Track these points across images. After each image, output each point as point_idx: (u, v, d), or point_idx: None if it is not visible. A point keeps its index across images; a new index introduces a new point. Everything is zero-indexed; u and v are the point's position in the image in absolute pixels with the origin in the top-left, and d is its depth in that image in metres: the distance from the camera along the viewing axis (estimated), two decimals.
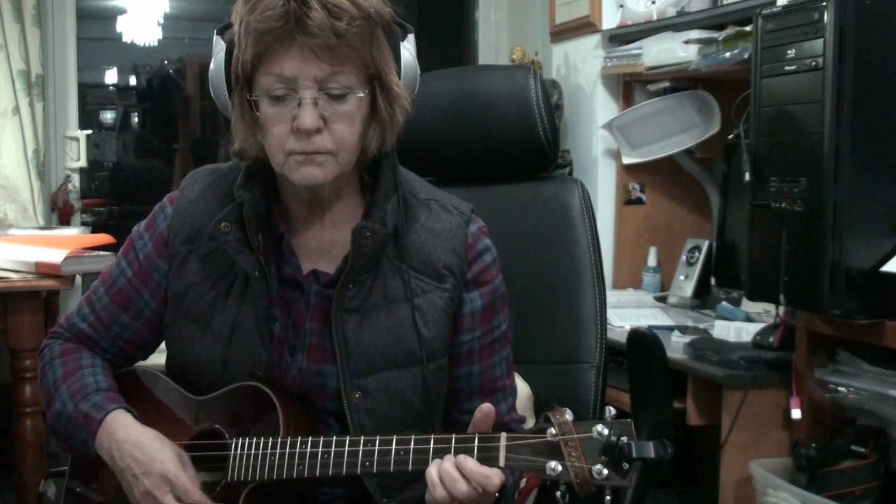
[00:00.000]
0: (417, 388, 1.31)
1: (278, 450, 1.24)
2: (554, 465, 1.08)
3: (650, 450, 1.06)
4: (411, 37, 1.28)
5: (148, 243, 1.38)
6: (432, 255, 1.32)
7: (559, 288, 1.64)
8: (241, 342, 1.31)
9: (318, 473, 1.21)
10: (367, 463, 1.19)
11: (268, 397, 1.27)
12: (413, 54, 1.28)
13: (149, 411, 1.36)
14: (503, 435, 1.14)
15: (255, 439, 1.26)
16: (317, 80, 1.19)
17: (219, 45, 1.25)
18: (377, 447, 1.19)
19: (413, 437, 1.19)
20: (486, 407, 1.17)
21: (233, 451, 1.27)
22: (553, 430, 1.09)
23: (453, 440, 1.16)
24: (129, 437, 1.29)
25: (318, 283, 1.32)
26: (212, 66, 1.26)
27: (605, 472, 1.06)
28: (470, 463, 1.13)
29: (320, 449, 1.22)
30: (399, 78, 1.26)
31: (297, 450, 1.23)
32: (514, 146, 1.70)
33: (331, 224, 1.34)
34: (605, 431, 1.07)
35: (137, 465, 1.27)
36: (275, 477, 1.23)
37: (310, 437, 1.23)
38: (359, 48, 1.20)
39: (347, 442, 1.21)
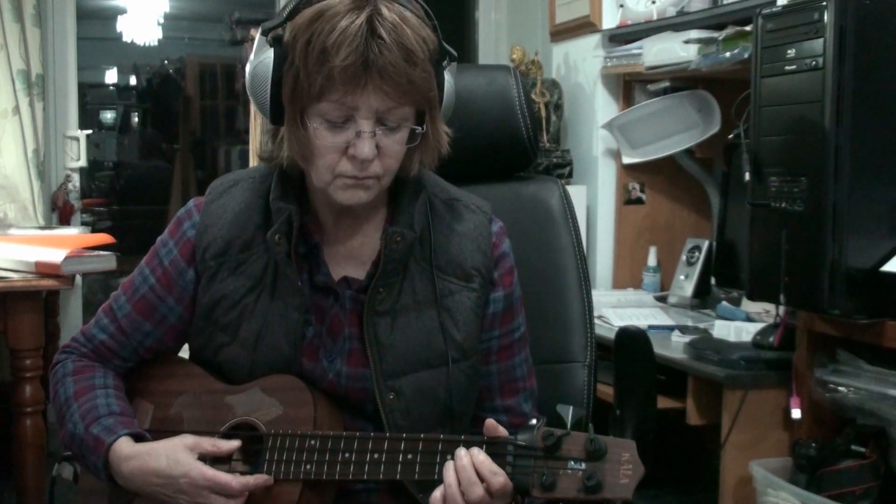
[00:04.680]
0: (450, 388, 1.33)
1: (306, 445, 1.25)
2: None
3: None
4: (454, 65, 1.29)
5: (173, 249, 1.37)
6: (459, 255, 1.34)
7: (545, 289, 1.64)
8: (266, 350, 1.32)
9: (350, 477, 1.23)
10: (405, 468, 1.21)
11: (304, 392, 1.29)
12: (452, 83, 1.29)
13: (186, 401, 1.36)
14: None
15: (288, 436, 1.26)
16: (377, 112, 1.21)
17: (266, 49, 1.23)
18: (402, 453, 1.21)
19: (421, 439, 1.21)
20: (490, 423, 1.19)
21: (267, 445, 1.27)
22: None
23: (461, 445, 1.18)
24: (133, 468, 1.28)
25: (350, 288, 1.34)
26: (256, 69, 1.23)
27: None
28: (481, 456, 1.16)
29: (355, 447, 1.23)
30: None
31: (329, 448, 1.24)
32: (496, 146, 1.70)
33: (358, 229, 1.35)
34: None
35: (164, 487, 1.26)
36: (301, 476, 1.24)
37: (343, 434, 1.25)
38: (422, 89, 1.22)
39: (385, 443, 1.22)
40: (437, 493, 1.18)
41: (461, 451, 1.17)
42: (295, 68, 1.20)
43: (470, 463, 1.16)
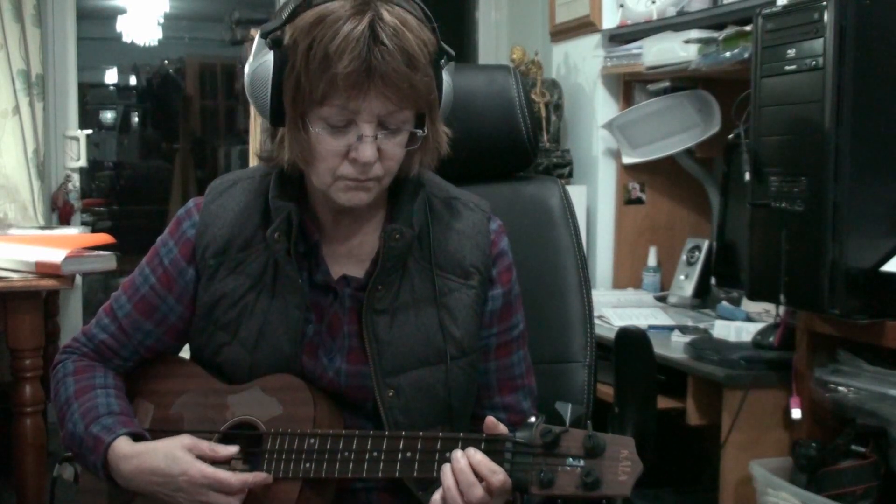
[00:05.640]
0: (449, 385, 1.33)
1: (306, 444, 1.25)
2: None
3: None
4: (452, 64, 1.29)
5: (173, 249, 1.37)
6: (458, 253, 1.35)
7: (545, 289, 1.65)
8: (267, 349, 1.32)
9: (349, 475, 1.23)
10: (401, 466, 1.21)
11: (304, 391, 1.29)
12: (450, 82, 1.29)
13: (186, 401, 1.37)
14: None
15: (287, 435, 1.26)
16: (378, 116, 1.21)
17: (265, 53, 1.22)
18: (400, 450, 1.21)
19: (420, 436, 1.21)
20: (490, 421, 1.19)
21: (267, 445, 1.27)
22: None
23: (459, 443, 1.19)
24: (132, 467, 1.28)
25: (349, 287, 1.34)
26: (256, 72, 1.22)
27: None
28: (478, 455, 1.16)
29: (354, 446, 1.23)
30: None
31: (328, 447, 1.24)
32: (496, 146, 1.70)
33: (357, 228, 1.36)
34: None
35: (163, 486, 1.26)
36: (300, 475, 1.25)
37: (342, 432, 1.25)
38: (423, 92, 1.23)
39: (384, 442, 1.22)
40: (437, 497, 1.18)
41: (457, 453, 1.17)
42: (296, 73, 1.20)
43: (467, 464, 1.15)
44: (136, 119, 8.87)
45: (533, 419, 1.16)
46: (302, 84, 1.20)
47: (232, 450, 1.27)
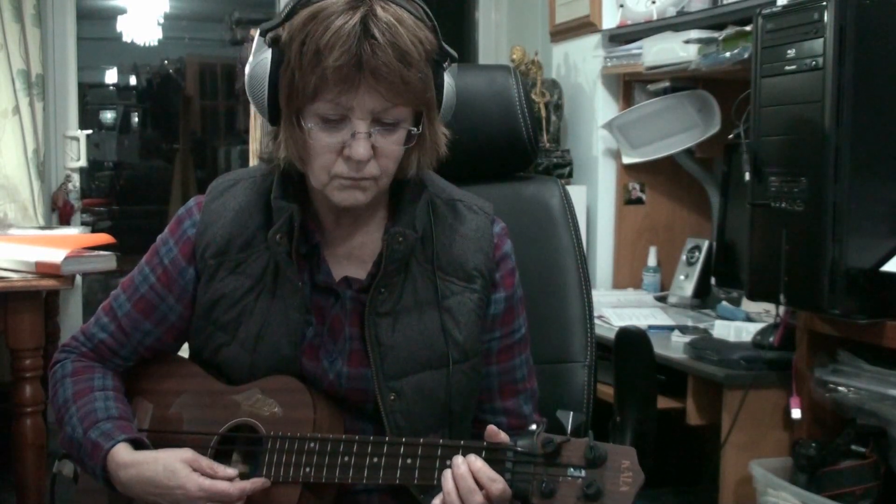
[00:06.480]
0: (450, 389, 1.33)
1: (306, 448, 1.25)
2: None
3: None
4: (454, 66, 1.29)
5: (173, 248, 1.37)
6: (461, 256, 1.34)
7: (545, 289, 1.65)
8: (266, 350, 1.32)
9: (349, 480, 1.23)
10: (401, 473, 1.21)
11: (304, 393, 1.29)
12: (453, 84, 1.29)
13: (185, 401, 1.37)
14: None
15: (287, 438, 1.26)
16: (372, 112, 1.21)
17: (264, 50, 1.23)
18: (401, 456, 1.21)
19: (421, 443, 1.21)
20: (492, 429, 1.18)
21: (266, 447, 1.27)
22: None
23: (460, 451, 1.18)
24: (130, 476, 1.27)
25: (350, 289, 1.34)
26: (254, 70, 1.24)
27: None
28: (479, 463, 1.16)
29: (354, 451, 1.23)
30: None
31: (328, 450, 1.24)
32: (496, 146, 1.70)
33: (359, 230, 1.35)
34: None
35: (160, 497, 1.26)
36: (300, 479, 1.24)
37: (342, 437, 1.25)
38: (418, 90, 1.22)
39: (385, 447, 1.22)
40: (437, 501, 1.18)
41: (458, 460, 1.16)
42: (290, 69, 1.20)
43: (468, 471, 1.15)
44: (136, 119, 8.87)
45: (534, 427, 1.15)
46: (295, 80, 1.20)
47: (231, 472, 1.26)
